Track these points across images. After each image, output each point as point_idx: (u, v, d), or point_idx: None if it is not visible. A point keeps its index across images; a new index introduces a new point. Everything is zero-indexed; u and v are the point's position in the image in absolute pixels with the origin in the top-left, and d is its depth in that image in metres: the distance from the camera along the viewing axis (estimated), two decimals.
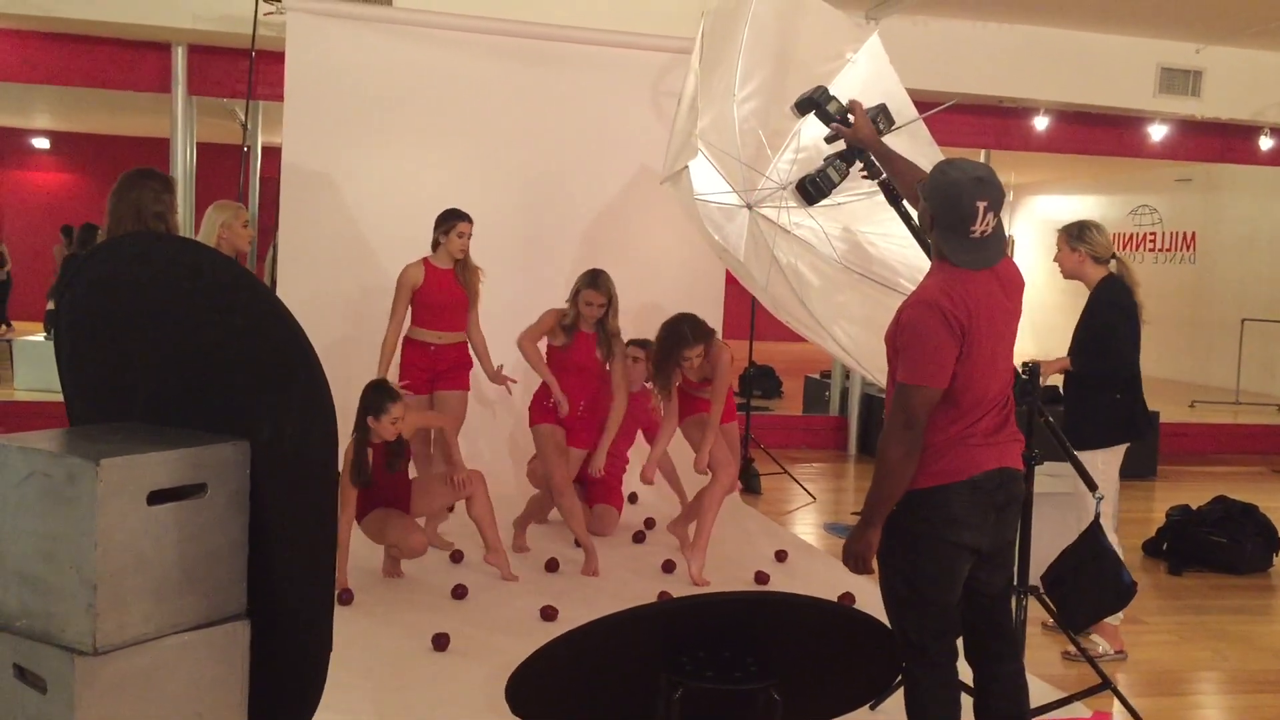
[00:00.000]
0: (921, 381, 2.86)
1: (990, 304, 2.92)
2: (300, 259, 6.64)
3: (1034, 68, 8.60)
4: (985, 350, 2.90)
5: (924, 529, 2.94)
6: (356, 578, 4.98)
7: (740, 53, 4.34)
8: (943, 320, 2.85)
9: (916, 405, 2.87)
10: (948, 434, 2.92)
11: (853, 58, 4.52)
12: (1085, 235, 4.67)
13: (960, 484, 2.91)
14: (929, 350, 2.85)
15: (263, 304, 2.99)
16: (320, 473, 3.01)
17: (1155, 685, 4.44)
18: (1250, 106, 9.08)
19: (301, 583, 3.08)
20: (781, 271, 4.13)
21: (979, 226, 2.85)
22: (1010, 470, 3.00)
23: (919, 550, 2.96)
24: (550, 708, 3.29)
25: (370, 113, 6.70)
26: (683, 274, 6.98)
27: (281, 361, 2.98)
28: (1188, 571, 6.10)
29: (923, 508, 2.94)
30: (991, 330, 2.91)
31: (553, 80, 6.92)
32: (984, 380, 2.92)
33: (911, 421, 2.88)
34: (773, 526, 6.70)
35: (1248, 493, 6.94)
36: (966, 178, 2.88)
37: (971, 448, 2.93)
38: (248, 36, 6.92)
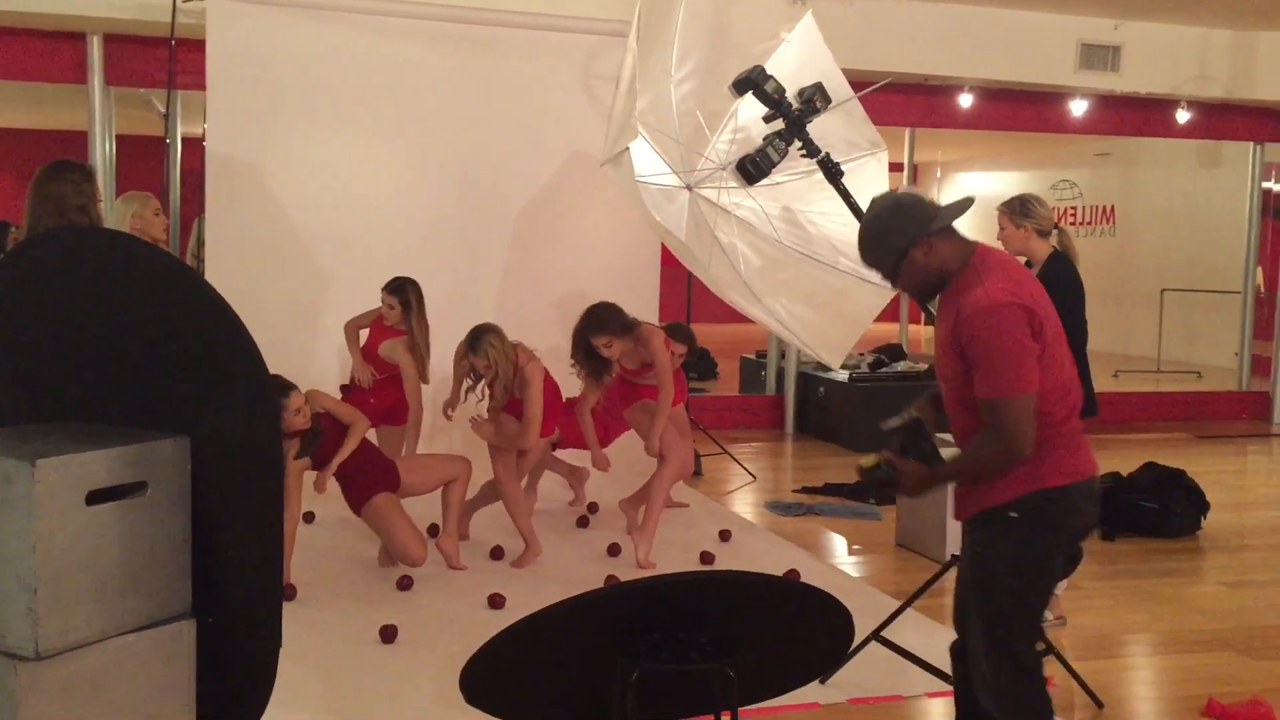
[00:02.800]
0: (1019, 391, 2.65)
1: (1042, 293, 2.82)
2: (228, 251, 6.52)
3: (957, 46, 8.70)
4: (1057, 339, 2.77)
5: (1055, 542, 2.77)
6: (300, 572, 4.92)
7: (676, 33, 4.33)
8: (1021, 320, 2.67)
9: (1021, 417, 2.65)
10: (1059, 429, 2.74)
11: (788, 37, 4.53)
12: (1029, 210, 4.68)
13: (1087, 483, 2.77)
14: (1015, 353, 2.66)
15: (199, 296, 2.93)
16: (265, 467, 2.95)
17: (1095, 648, 4.55)
18: (1168, 81, 9.28)
19: (248, 579, 3.03)
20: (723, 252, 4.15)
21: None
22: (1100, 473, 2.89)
23: (1047, 566, 2.79)
24: (505, 696, 3.28)
25: (296, 101, 6.58)
26: (617, 258, 6.97)
27: (221, 355, 2.92)
28: (1120, 537, 6.25)
29: (1053, 512, 2.73)
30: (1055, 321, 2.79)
31: (483, 65, 6.85)
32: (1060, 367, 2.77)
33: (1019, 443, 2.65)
34: (715, 507, 6.74)
35: (1173, 458, 7.11)
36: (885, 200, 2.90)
37: (1082, 442, 2.79)
38: (166, 25, 6.75)
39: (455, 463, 5.24)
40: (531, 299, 6.61)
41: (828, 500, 6.97)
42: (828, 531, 6.34)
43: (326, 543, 5.58)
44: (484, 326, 5.32)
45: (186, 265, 3.08)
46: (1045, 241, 4.74)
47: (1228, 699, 3.91)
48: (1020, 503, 2.72)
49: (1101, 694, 3.97)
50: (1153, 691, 4.22)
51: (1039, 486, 2.70)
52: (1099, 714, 3.89)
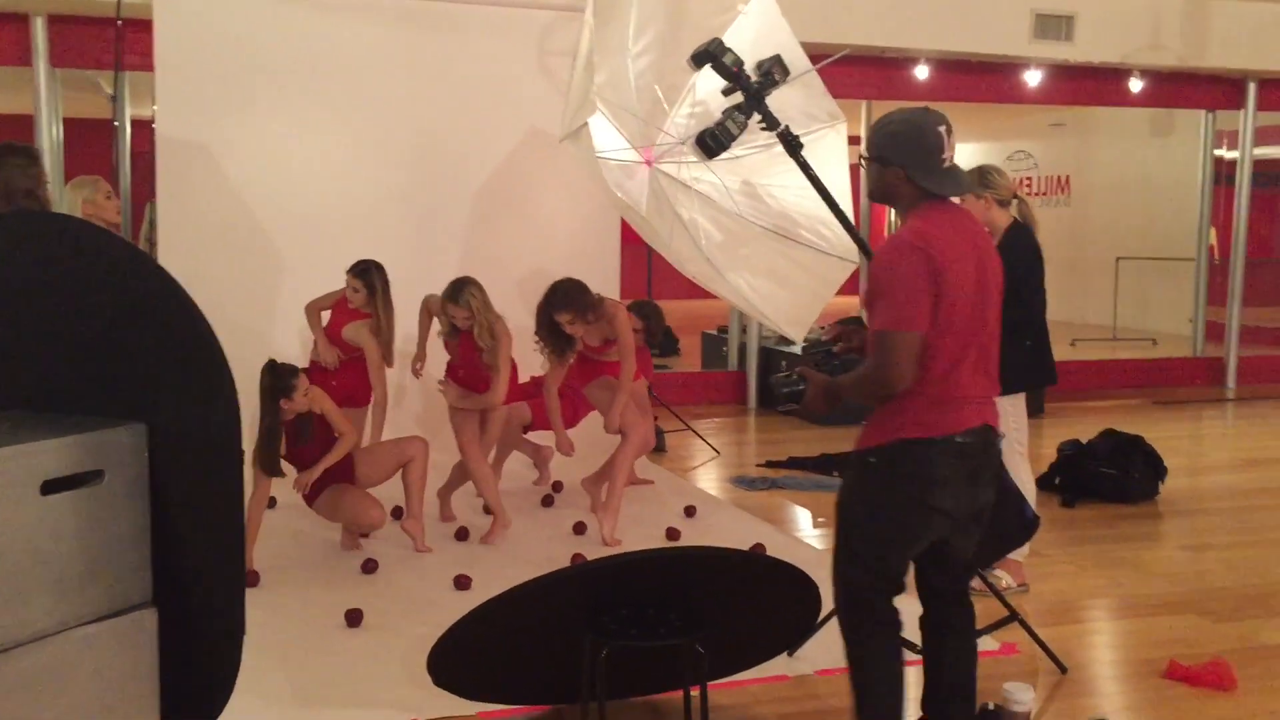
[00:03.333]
0: (901, 327, 2.73)
1: (972, 253, 2.84)
2: (180, 234, 6.41)
3: (913, 18, 8.71)
4: (967, 296, 2.80)
5: (906, 489, 2.82)
6: (263, 558, 4.87)
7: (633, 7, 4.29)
8: (918, 260, 2.73)
9: (894, 351, 2.73)
10: (933, 384, 2.79)
11: (745, 9, 4.49)
12: (988, 180, 4.69)
13: (945, 440, 2.80)
14: (904, 291, 2.74)
15: (154, 281, 2.88)
16: (224, 453, 2.91)
17: (1058, 614, 4.60)
18: (1120, 49, 9.33)
19: (210, 567, 2.99)
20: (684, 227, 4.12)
21: (948, 152, 2.84)
22: (990, 430, 2.90)
23: (898, 510, 2.85)
24: (474, 677, 3.27)
25: (248, 80, 6.47)
26: (577, 235, 6.94)
27: (177, 340, 2.87)
28: (1080, 503, 6.32)
29: (906, 463, 2.82)
30: (973, 279, 2.82)
31: (438, 42, 6.77)
32: (965, 327, 2.81)
33: (893, 375, 2.74)
34: (679, 483, 6.74)
35: (1131, 424, 7.20)
36: (915, 113, 2.88)
37: (957, 400, 2.82)
38: (112, 4, 6.61)
39: (410, 445, 5.20)
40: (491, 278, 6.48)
41: (792, 474, 6.99)
42: (792, 505, 6.36)
43: (289, 528, 5.54)
44: (464, 278, 5.35)
45: (140, 250, 3.01)
46: (1005, 211, 4.76)
47: (1188, 661, 3.97)
48: (880, 450, 2.85)
49: (1065, 659, 4.01)
50: (1115, 655, 4.27)
51: (897, 437, 2.82)
52: (1063, 679, 3.93)
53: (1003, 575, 4.79)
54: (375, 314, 5.53)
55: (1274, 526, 5.97)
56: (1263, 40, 9.71)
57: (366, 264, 5.58)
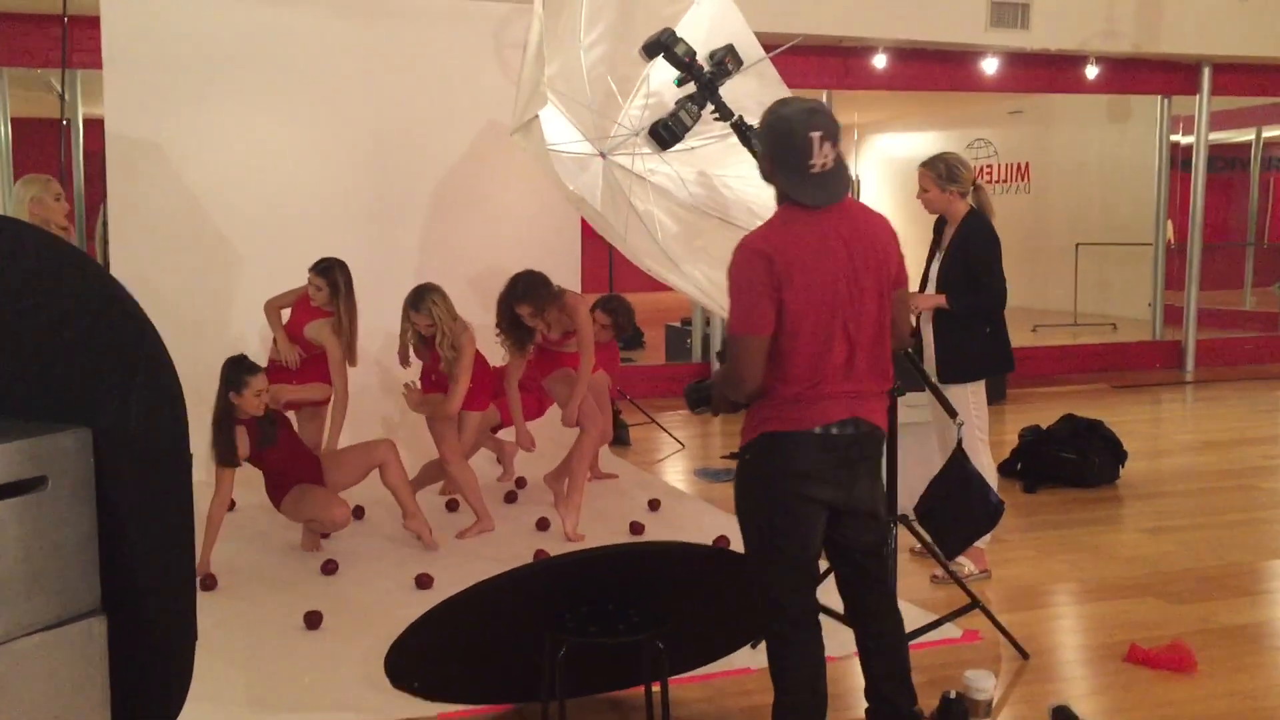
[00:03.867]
0: (743, 330, 2.80)
1: (830, 248, 2.81)
2: (133, 234, 6.33)
3: (871, 7, 8.71)
4: (822, 296, 2.79)
5: (776, 481, 2.87)
6: (222, 561, 4.80)
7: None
8: (758, 264, 2.77)
9: (743, 355, 2.80)
10: (795, 382, 2.82)
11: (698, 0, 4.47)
12: (955, 175, 4.70)
13: (808, 433, 2.83)
14: (747, 296, 2.78)
15: (94, 282, 2.82)
16: (170, 457, 2.86)
17: (1020, 600, 4.61)
18: (1076, 37, 9.39)
19: (159, 573, 2.94)
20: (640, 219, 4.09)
21: (817, 159, 2.78)
22: (864, 423, 2.89)
23: (772, 502, 2.89)
24: (433, 677, 3.23)
25: (198, 77, 6.38)
26: (537, 228, 6.88)
27: (120, 342, 2.82)
28: (1041, 489, 6.35)
29: (773, 456, 2.87)
30: (832, 275, 2.80)
31: (392, 35, 6.70)
32: (823, 327, 2.80)
33: (743, 375, 2.82)
34: (644, 476, 6.72)
35: (1091, 409, 7.25)
36: (797, 111, 2.83)
37: (822, 396, 2.83)
38: (59, 1, 6.50)
39: (378, 448, 5.15)
40: (450, 273, 6.45)
41: None
42: None
43: (249, 530, 5.48)
44: (426, 286, 5.30)
45: (80, 251, 2.95)
46: (964, 201, 4.78)
47: (1149, 644, 3.99)
48: (750, 445, 2.92)
49: (1027, 645, 4.02)
50: (1077, 640, 4.29)
51: (762, 431, 2.88)
52: (1024, 665, 3.94)
53: (965, 562, 4.79)
54: (337, 312, 5.46)
55: (1232, 508, 6.03)
56: (1216, 25, 9.79)
57: (329, 261, 5.51)
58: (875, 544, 3.03)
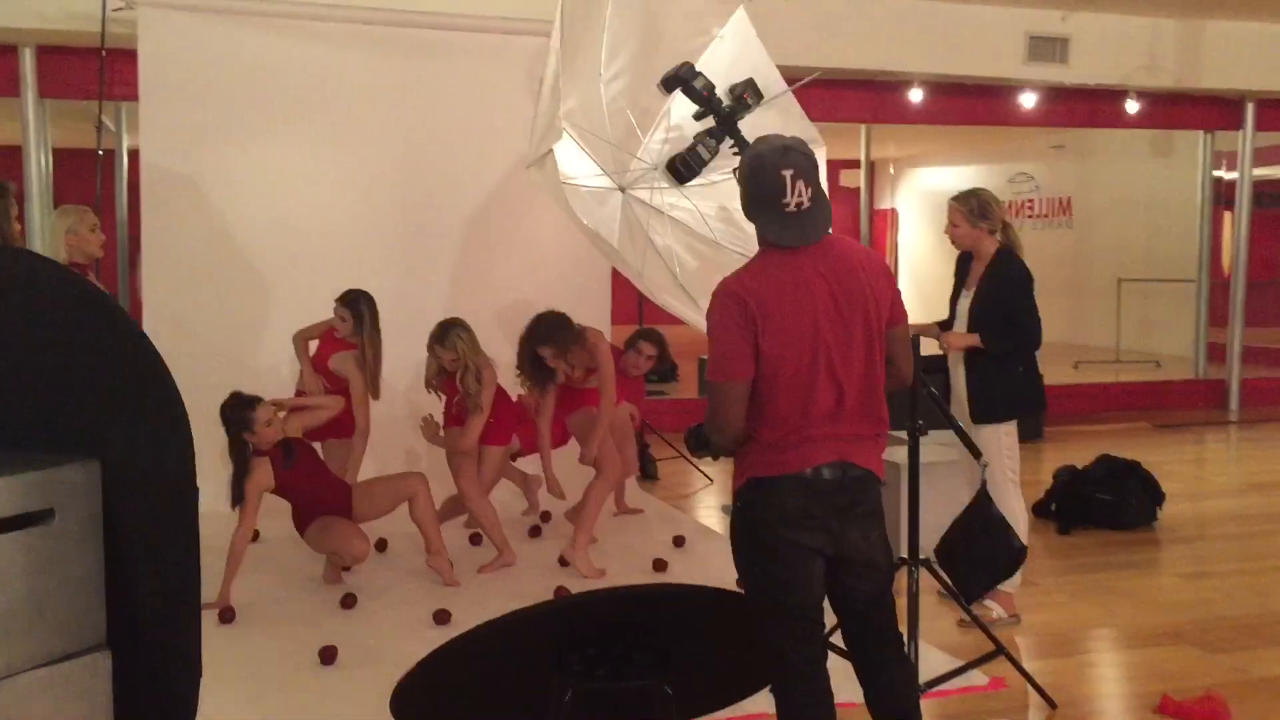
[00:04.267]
0: (720, 377, 2.75)
1: (810, 289, 2.74)
2: (166, 264, 6.39)
3: (906, 40, 8.67)
4: (802, 337, 2.72)
5: (762, 526, 2.80)
6: (243, 593, 4.78)
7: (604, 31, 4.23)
8: (732, 308, 2.72)
9: (723, 401, 2.75)
10: (778, 426, 2.76)
11: (720, 33, 4.44)
12: (987, 211, 4.65)
13: (791, 477, 2.76)
14: (722, 342, 2.73)
15: (104, 315, 2.81)
16: (178, 490, 2.84)
17: (1050, 647, 4.49)
18: (1116, 71, 9.29)
19: (165, 608, 2.92)
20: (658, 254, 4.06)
21: (790, 198, 2.70)
22: (854, 467, 2.79)
23: (764, 550, 2.82)
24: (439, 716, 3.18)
25: (233, 109, 6.45)
26: (568, 262, 6.86)
27: (129, 375, 2.81)
28: (1076, 530, 6.21)
29: (758, 502, 2.81)
30: (812, 317, 2.73)
31: (424, 70, 6.74)
32: (804, 371, 2.73)
33: (724, 421, 2.77)
34: (670, 512, 6.65)
35: (1131, 449, 7.10)
36: (770, 148, 2.77)
37: (806, 440, 2.76)
38: (100, 35, 6.59)
39: (409, 481, 5.13)
40: (479, 306, 6.46)
41: None
42: None
43: (272, 562, 5.46)
44: (451, 321, 5.29)
45: (90, 284, 2.96)
46: (993, 238, 4.71)
47: (1183, 695, 3.86)
48: (740, 491, 2.87)
49: (1056, 693, 3.91)
50: (1108, 689, 4.17)
51: (748, 476, 2.83)
52: (1053, 715, 3.83)
53: (993, 606, 4.69)
54: (361, 344, 5.47)
55: (1275, 554, 5.87)
56: (1259, 60, 9.66)
57: (354, 293, 5.53)
58: (875, 593, 2.92)
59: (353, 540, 4.89)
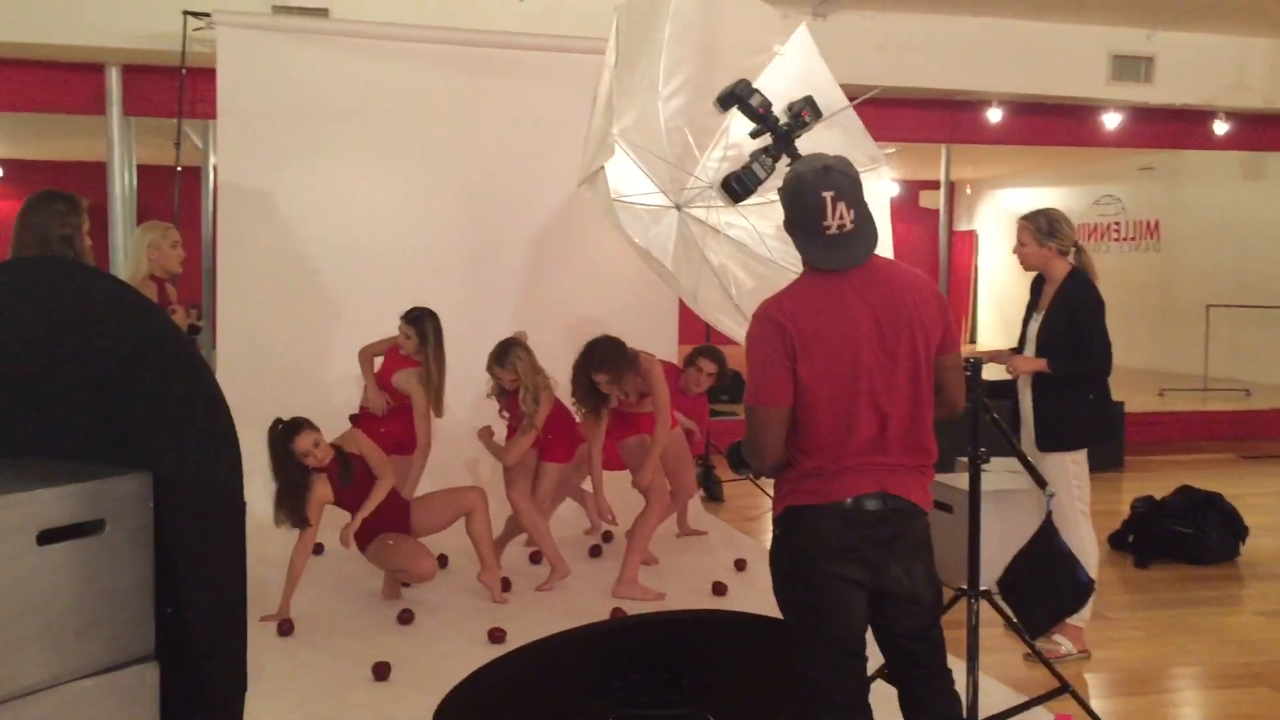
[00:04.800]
0: (758, 402, 2.68)
1: (852, 315, 2.66)
2: (240, 280, 6.48)
3: (985, 60, 8.54)
4: (841, 366, 2.65)
5: (800, 556, 2.73)
6: (302, 606, 4.82)
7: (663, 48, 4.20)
8: (771, 333, 2.65)
9: (760, 427, 2.69)
10: (816, 454, 2.69)
11: (780, 50, 4.39)
12: (1056, 230, 4.52)
13: (829, 507, 2.67)
14: (760, 367, 2.67)
15: (157, 328, 2.85)
16: (226, 503, 2.86)
17: (1121, 685, 4.34)
18: (1203, 91, 9.04)
19: (212, 620, 2.93)
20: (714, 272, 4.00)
21: (831, 220, 2.64)
22: (895, 498, 2.69)
23: (800, 580, 2.74)
24: None
25: (308, 127, 6.54)
26: (634, 279, 6.81)
27: (180, 388, 2.83)
28: (1153, 564, 6.00)
29: (795, 532, 2.74)
30: (853, 344, 2.65)
31: (494, 88, 6.78)
32: (844, 399, 2.66)
33: (761, 448, 2.71)
34: (734, 534, 6.57)
35: (1214, 481, 6.86)
36: (810, 169, 2.70)
37: (846, 470, 2.68)
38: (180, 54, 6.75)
39: (467, 495, 5.13)
40: (546, 322, 6.48)
41: None
42: None
43: (333, 575, 5.50)
44: (510, 340, 5.30)
45: (142, 296, 2.99)
46: (1064, 260, 4.58)
47: None
48: (779, 519, 2.81)
49: None
50: None
51: (786, 505, 2.77)
52: None
53: (1062, 642, 4.54)
54: (425, 362, 5.48)
55: None
56: None
57: (419, 311, 5.55)
58: (919, 628, 2.81)
59: (420, 559, 4.88)
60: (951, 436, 3.61)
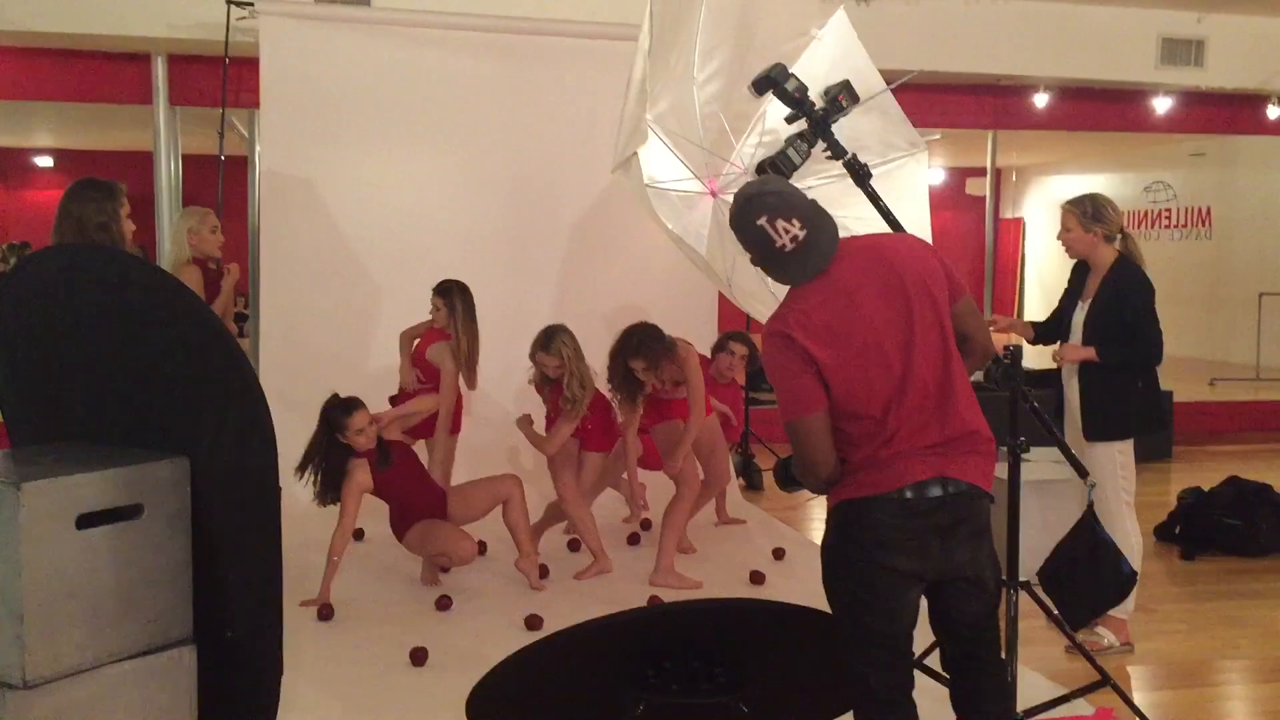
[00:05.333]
0: (794, 415, 2.65)
1: (854, 302, 2.64)
2: (282, 268, 6.54)
3: (1031, 44, 8.41)
4: (864, 353, 2.62)
5: (854, 551, 2.68)
6: (343, 591, 4.85)
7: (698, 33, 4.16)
8: (784, 349, 2.63)
9: (805, 439, 2.65)
10: (863, 445, 2.65)
11: (818, 34, 4.33)
12: (1101, 214, 4.44)
13: (886, 497, 2.62)
14: (786, 380, 2.64)
15: (192, 314, 2.87)
16: (261, 488, 2.89)
17: (1166, 678, 4.27)
18: (1256, 75, 8.85)
19: (249, 604, 2.97)
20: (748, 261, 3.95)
21: (779, 239, 2.63)
22: (955, 482, 2.64)
23: (852, 574, 2.70)
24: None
25: (349, 116, 6.58)
26: (674, 266, 6.73)
27: (214, 373, 2.86)
28: (1201, 556, 5.91)
29: (850, 525, 2.68)
30: (869, 327, 2.62)
31: (535, 75, 6.78)
32: (875, 384, 2.63)
33: (813, 460, 2.66)
34: (773, 523, 6.54)
35: (1264, 472, 6.74)
36: (738, 205, 2.73)
37: (898, 455, 2.63)
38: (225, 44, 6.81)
39: (504, 483, 5.14)
40: (586, 310, 6.47)
41: None
42: None
43: (374, 561, 5.53)
44: (556, 326, 5.26)
45: (180, 283, 3.01)
46: (1111, 246, 4.49)
47: None
48: (831, 513, 2.79)
49: None
50: None
51: (840, 498, 2.73)
52: None
53: (1105, 634, 4.48)
54: (455, 333, 5.48)
55: None
56: None
57: (448, 283, 5.56)
58: (981, 614, 2.77)
59: (460, 542, 4.90)
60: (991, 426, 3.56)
